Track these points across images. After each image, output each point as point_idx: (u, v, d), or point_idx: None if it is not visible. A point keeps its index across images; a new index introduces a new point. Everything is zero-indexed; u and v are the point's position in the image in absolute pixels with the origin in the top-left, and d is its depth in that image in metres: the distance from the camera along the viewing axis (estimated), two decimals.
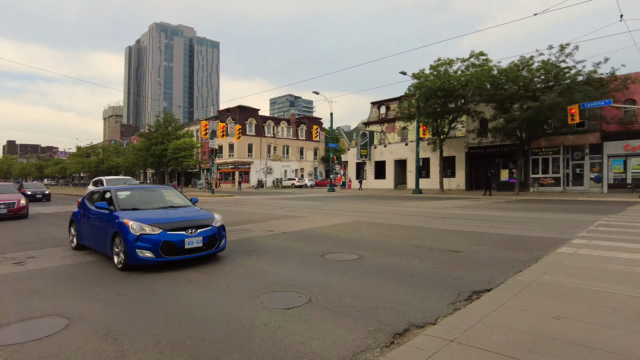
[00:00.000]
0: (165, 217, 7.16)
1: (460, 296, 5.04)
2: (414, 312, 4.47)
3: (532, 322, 4.05)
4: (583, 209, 16.90)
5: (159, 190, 9.00)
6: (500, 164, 35.15)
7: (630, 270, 6.16)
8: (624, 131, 27.78)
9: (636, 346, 3.47)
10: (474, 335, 3.77)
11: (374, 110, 54.35)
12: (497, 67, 28.94)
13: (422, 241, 9.29)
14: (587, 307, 4.49)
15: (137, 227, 6.62)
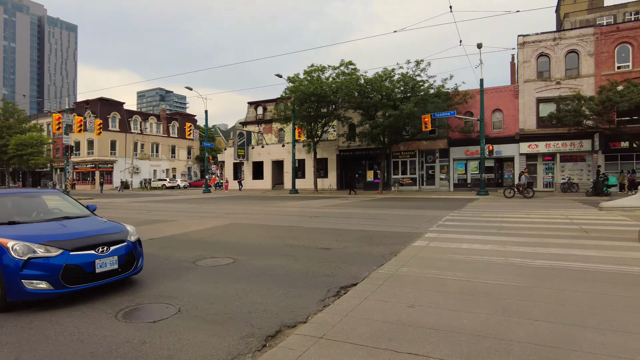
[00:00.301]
0: (64, 232, 5.40)
1: (329, 292, 5.32)
2: (286, 313, 4.58)
3: (392, 312, 4.49)
4: (434, 206, 19.33)
5: (40, 196, 6.97)
6: (367, 165, 38.17)
7: (468, 258, 7.24)
8: (465, 139, 32.57)
9: (471, 324, 4.09)
10: (340, 329, 4.02)
11: (251, 110, 54.09)
12: (364, 76, 31.44)
13: (297, 240, 9.55)
14: (435, 294, 5.15)
15: (21, 248, 4.82)
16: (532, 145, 30.52)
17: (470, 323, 4.12)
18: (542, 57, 30.62)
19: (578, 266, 6.55)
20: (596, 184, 25.31)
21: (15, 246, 4.81)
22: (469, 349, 3.53)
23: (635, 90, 23.94)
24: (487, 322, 4.15)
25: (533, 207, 17.59)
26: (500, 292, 5.18)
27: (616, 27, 29.18)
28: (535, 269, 6.42)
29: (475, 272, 6.27)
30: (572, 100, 26.98)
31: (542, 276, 5.96)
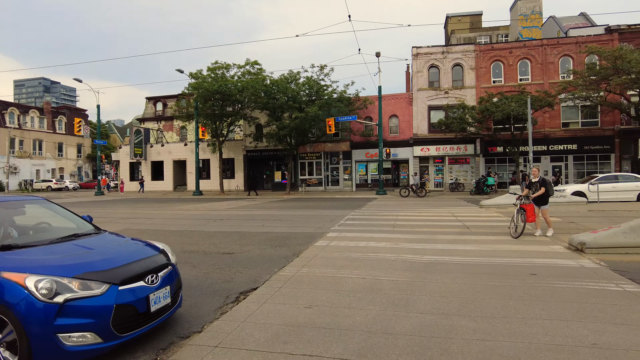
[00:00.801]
0: (98, 259, 3.81)
1: (228, 299, 5.21)
2: (181, 324, 4.37)
3: (289, 315, 4.54)
4: (337, 206, 20.03)
5: (22, 204, 5.05)
6: (274, 166, 38.20)
7: (364, 256, 7.63)
8: (365, 142, 34.30)
9: (363, 320, 4.32)
10: (237, 336, 3.96)
11: (149, 106, 50.78)
12: (270, 77, 31.42)
13: (197, 246, 9.19)
14: (332, 294, 5.33)
15: (50, 285, 3.22)
16: (425, 149, 33.28)
17: (363, 320, 4.35)
18: (433, 68, 33.56)
19: (459, 260, 7.29)
20: (478, 184, 28.49)
21: (41, 284, 3.19)
22: (360, 346, 3.72)
23: (506, 102, 27.41)
24: (378, 317, 4.41)
25: (424, 206, 19.17)
26: (392, 288, 5.54)
27: (491, 47, 33.15)
28: (424, 264, 7.00)
29: (370, 269, 6.63)
30: (458, 108, 29.99)
31: (429, 270, 6.52)
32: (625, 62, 23.86)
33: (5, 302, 3.15)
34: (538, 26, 38.06)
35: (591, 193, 19.30)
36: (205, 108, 32.32)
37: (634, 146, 30.09)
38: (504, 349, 3.61)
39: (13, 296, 3.15)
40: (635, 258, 7.17)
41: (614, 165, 30.28)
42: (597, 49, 26.89)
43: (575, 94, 27.10)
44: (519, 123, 28.10)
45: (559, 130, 31.19)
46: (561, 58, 31.37)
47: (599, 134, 30.58)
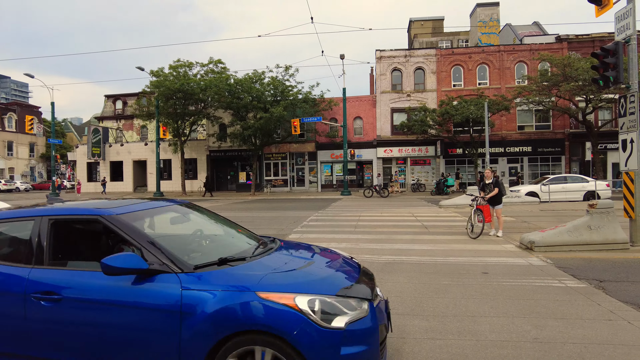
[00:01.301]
0: (336, 273, 3.24)
1: None
2: None
3: None
4: (302, 207, 20.05)
5: (188, 213, 4.23)
6: (239, 167, 37.73)
7: None
8: (330, 143, 34.52)
9: None
10: None
11: (108, 104, 48.97)
12: (234, 76, 31.01)
13: None
14: None
15: (326, 307, 2.68)
16: (388, 150, 33.88)
17: None
18: (396, 72, 34.23)
19: (416, 260, 7.48)
20: (438, 184, 29.31)
21: (316, 304, 2.64)
22: None
23: (465, 106, 28.36)
24: None
25: (386, 206, 19.52)
26: None
27: (451, 51, 34.21)
28: (382, 264, 7.14)
29: None
30: (419, 111, 30.73)
31: (387, 271, 6.65)
32: (573, 69, 25.24)
33: (274, 330, 2.53)
34: (496, 33, 39.62)
35: (543, 193, 20.30)
36: (166, 107, 31.50)
37: (581, 149, 31.91)
38: (453, 347, 3.74)
39: (285, 322, 2.53)
40: (577, 255, 7.61)
41: (564, 166, 31.98)
42: (549, 56, 28.30)
43: (529, 99, 28.41)
44: (477, 126, 29.13)
45: (515, 133, 32.59)
46: (517, 64, 32.80)
47: (551, 137, 32.20)
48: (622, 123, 8.61)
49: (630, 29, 8.31)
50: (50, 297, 2.86)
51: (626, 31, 8.41)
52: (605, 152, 30.76)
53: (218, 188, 38.16)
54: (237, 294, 2.64)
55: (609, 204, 8.17)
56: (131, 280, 2.78)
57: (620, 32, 8.57)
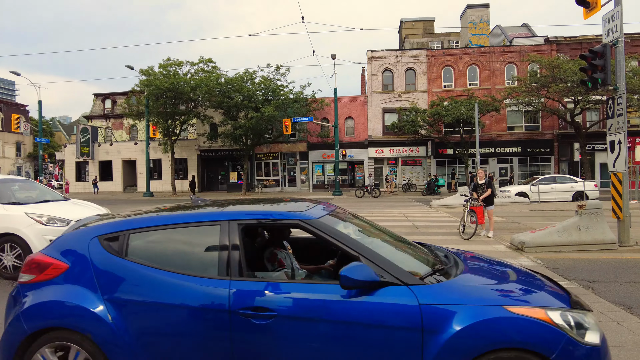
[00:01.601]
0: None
1: None
2: None
3: None
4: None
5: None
6: (230, 166, 37.53)
7: None
8: (322, 143, 34.48)
9: None
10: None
11: (97, 103, 48.36)
12: (224, 76, 30.85)
13: None
14: None
15: (574, 320, 2.45)
16: (379, 150, 33.96)
17: None
18: (387, 72, 34.31)
19: None
20: (429, 184, 29.44)
21: (570, 319, 2.43)
22: None
23: (456, 106, 28.53)
24: None
25: (378, 206, 19.54)
26: None
27: (442, 52, 34.40)
28: None
29: None
30: (410, 111, 30.85)
31: None
32: (561, 71, 25.53)
33: (531, 346, 2.30)
34: (486, 34, 39.92)
35: (533, 194, 20.50)
36: (156, 106, 31.21)
37: (570, 149, 32.30)
38: None
39: (543, 338, 2.30)
40: (567, 255, 7.67)
41: (553, 167, 32.34)
42: (538, 58, 28.58)
43: (519, 100, 28.68)
44: (468, 126, 29.33)
45: (505, 134, 32.87)
46: (507, 65, 33.08)
47: (540, 138, 32.53)
48: (610, 125, 8.71)
49: (617, 32, 8.40)
50: (261, 314, 2.49)
51: (614, 33, 8.50)
52: (593, 153, 31.17)
53: (209, 188, 37.95)
54: (484, 309, 2.36)
55: (598, 204, 8.25)
56: (352, 293, 2.47)
57: (608, 34, 8.66)
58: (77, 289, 2.72)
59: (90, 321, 2.61)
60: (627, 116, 8.37)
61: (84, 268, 2.78)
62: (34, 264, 2.87)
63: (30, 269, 2.86)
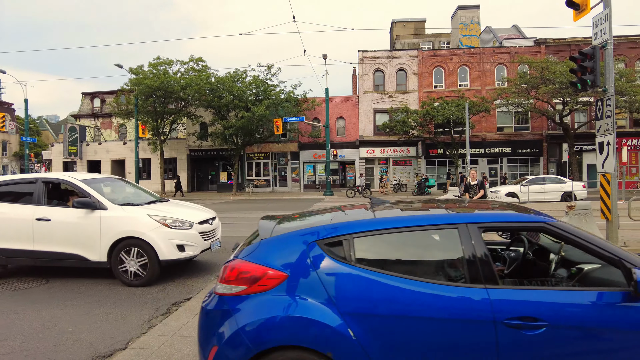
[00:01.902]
0: None
1: (158, 310, 4.93)
2: (103, 340, 4.06)
3: None
4: (283, 207, 19.88)
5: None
6: (220, 166, 37.27)
7: None
8: (313, 143, 34.40)
9: None
10: (164, 352, 3.73)
11: (86, 102, 47.69)
12: (215, 75, 30.61)
13: None
14: None
15: None
16: (370, 151, 33.96)
17: None
18: (378, 72, 34.33)
19: None
20: (420, 184, 29.51)
21: None
22: None
23: (446, 107, 28.63)
24: None
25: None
26: None
27: (433, 53, 34.51)
28: None
29: None
30: (401, 112, 30.90)
31: None
32: (551, 72, 25.76)
33: None
34: (476, 35, 40.15)
35: (522, 194, 20.64)
36: (146, 105, 30.85)
37: (558, 150, 32.62)
38: None
39: None
40: None
41: (542, 167, 32.64)
42: (527, 59, 28.81)
43: (508, 101, 28.87)
44: (458, 127, 29.45)
45: (495, 134, 33.09)
46: (497, 66, 33.30)
47: (529, 138, 32.81)
48: (599, 126, 8.76)
49: (606, 34, 8.45)
50: (531, 324, 2.30)
51: (603, 36, 8.54)
52: (581, 154, 31.52)
53: (198, 188, 37.66)
54: None
55: (587, 205, 8.29)
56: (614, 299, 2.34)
57: (597, 36, 8.70)
58: (307, 302, 2.43)
59: (331, 338, 2.33)
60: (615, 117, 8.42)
61: (308, 277, 2.48)
62: (243, 273, 2.53)
63: (238, 279, 2.52)
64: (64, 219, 6.19)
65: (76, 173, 7.42)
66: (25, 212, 6.30)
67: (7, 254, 6.35)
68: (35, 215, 6.24)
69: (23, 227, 6.25)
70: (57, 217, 6.21)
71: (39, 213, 6.24)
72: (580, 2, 8.79)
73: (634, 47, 31.65)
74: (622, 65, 28.54)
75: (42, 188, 6.48)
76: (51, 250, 6.16)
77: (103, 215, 6.07)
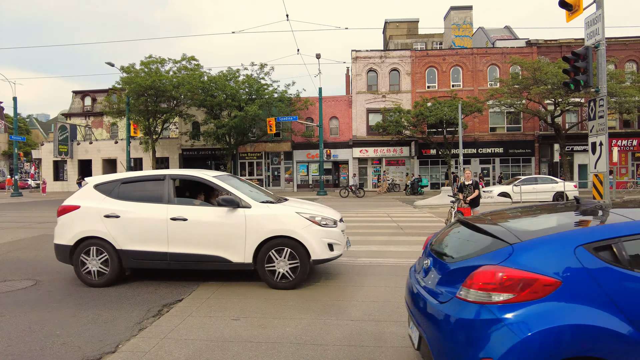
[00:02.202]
0: None
1: (149, 312, 4.83)
2: (92, 344, 3.96)
3: (215, 329, 4.28)
4: None
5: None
6: (213, 166, 37.03)
7: None
8: (306, 143, 34.32)
9: (293, 331, 4.17)
10: (155, 356, 3.64)
11: (77, 100, 47.13)
12: (207, 74, 30.43)
13: None
14: (263, 302, 5.13)
15: None
16: (363, 151, 33.96)
17: (293, 330, 4.20)
18: (371, 72, 34.34)
19: (392, 262, 7.39)
20: (413, 184, 29.56)
21: None
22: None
23: (439, 107, 28.71)
24: (309, 327, 4.29)
25: (363, 206, 19.50)
26: (324, 294, 5.46)
27: (426, 53, 34.60)
28: (358, 267, 7.02)
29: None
30: (394, 112, 30.93)
31: (363, 274, 6.53)
32: (542, 73, 25.93)
33: None
34: (469, 36, 40.31)
35: (515, 194, 20.74)
36: (137, 104, 30.57)
37: (550, 150, 32.87)
38: None
39: None
40: None
41: (534, 167, 32.86)
42: (519, 60, 28.98)
43: (501, 101, 29.02)
44: (451, 127, 29.54)
45: (487, 135, 33.25)
46: (489, 67, 33.46)
47: (521, 139, 33.02)
48: (591, 126, 8.80)
49: (599, 35, 8.49)
50: None
51: (595, 36, 8.59)
52: (572, 154, 31.78)
53: None
54: None
55: None
56: None
57: (590, 37, 8.75)
58: (593, 310, 2.27)
59: (628, 348, 2.21)
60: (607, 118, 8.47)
61: (585, 283, 2.33)
62: (508, 280, 2.36)
63: (502, 287, 2.36)
64: (202, 218, 5.78)
65: (204, 170, 6.73)
66: (159, 212, 5.85)
67: (139, 256, 5.89)
68: (169, 214, 5.80)
69: (157, 228, 5.81)
70: (194, 216, 5.78)
71: (173, 212, 5.80)
72: (573, 3, 8.83)
73: (624, 49, 31.99)
74: (612, 67, 28.82)
75: (171, 185, 6.05)
76: (187, 252, 5.76)
77: (248, 214, 5.69)
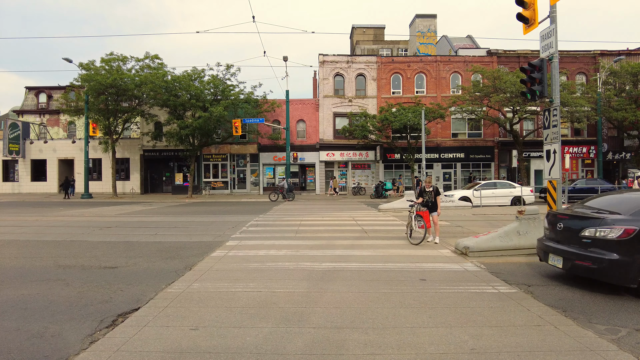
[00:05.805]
0: None
1: (102, 323, 4.58)
2: (37, 359, 3.69)
3: (172, 339, 4.10)
4: (241, 210, 19.48)
5: None
6: (175, 167, 36.11)
7: (263, 266, 7.38)
8: (273, 145, 34.10)
9: (254, 340, 4.06)
10: None
11: (30, 97, 44.78)
12: (171, 73, 29.66)
13: (75, 259, 8.11)
14: (224, 311, 4.99)
15: None
16: (330, 154, 34.11)
17: (253, 340, 4.09)
18: (338, 77, 34.59)
19: (356, 266, 7.40)
20: (377, 188, 29.95)
21: None
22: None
23: (404, 113, 29.28)
24: (270, 336, 4.20)
25: (328, 210, 19.52)
26: (287, 301, 5.37)
27: (391, 59, 35.24)
28: (322, 272, 6.97)
29: (267, 280, 6.40)
30: (360, 117, 31.28)
31: (326, 279, 6.49)
32: (502, 82, 26.98)
33: None
34: (433, 43, 41.40)
35: (475, 198, 21.40)
36: (97, 102, 29.36)
37: (509, 156, 34.23)
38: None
39: None
40: (508, 260, 7.96)
41: (494, 172, 34.10)
42: (480, 69, 30.03)
43: (462, 108, 29.94)
44: (414, 132, 30.18)
45: (449, 140, 34.21)
46: (452, 74, 34.48)
47: (482, 144, 34.19)
48: (546, 135, 9.18)
49: (553, 48, 8.89)
50: None
51: (549, 49, 8.98)
52: (529, 160, 33.22)
53: (152, 190, 36.33)
54: None
55: (535, 210, 8.64)
56: None
57: (544, 49, 9.14)
58: None
59: None
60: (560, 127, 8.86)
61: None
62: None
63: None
64: None
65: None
66: None
67: None
68: None
69: None
70: None
71: None
72: (530, 17, 9.21)
73: (574, 62, 33.82)
74: (565, 78, 30.42)
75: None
76: None
77: None
